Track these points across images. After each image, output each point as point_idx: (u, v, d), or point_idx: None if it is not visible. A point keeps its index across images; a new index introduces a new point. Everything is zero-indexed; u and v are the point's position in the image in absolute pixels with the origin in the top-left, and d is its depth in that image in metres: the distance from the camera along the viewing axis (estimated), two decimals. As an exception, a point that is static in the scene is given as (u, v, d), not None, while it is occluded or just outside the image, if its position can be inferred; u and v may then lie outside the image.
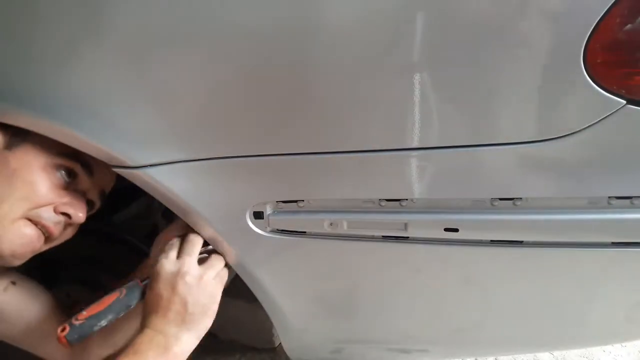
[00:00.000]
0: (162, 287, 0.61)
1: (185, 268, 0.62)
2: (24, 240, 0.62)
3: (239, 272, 0.73)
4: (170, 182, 0.63)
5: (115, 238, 1.00)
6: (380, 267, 0.68)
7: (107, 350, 0.79)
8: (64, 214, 0.64)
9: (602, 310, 0.66)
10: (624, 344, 1.37)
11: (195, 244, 0.67)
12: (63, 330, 0.59)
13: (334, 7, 0.51)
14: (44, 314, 0.74)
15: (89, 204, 0.71)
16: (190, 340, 0.61)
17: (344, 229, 0.64)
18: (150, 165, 0.62)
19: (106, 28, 0.57)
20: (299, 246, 0.67)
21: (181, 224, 0.70)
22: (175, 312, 0.60)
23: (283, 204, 0.65)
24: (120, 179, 0.65)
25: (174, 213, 0.68)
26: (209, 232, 0.68)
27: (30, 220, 0.62)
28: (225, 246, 0.69)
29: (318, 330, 0.82)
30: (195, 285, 0.62)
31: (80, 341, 0.60)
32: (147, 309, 0.62)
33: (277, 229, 0.67)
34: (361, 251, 0.66)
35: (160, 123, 0.60)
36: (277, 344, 1.34)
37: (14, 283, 0.73)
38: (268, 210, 0.65)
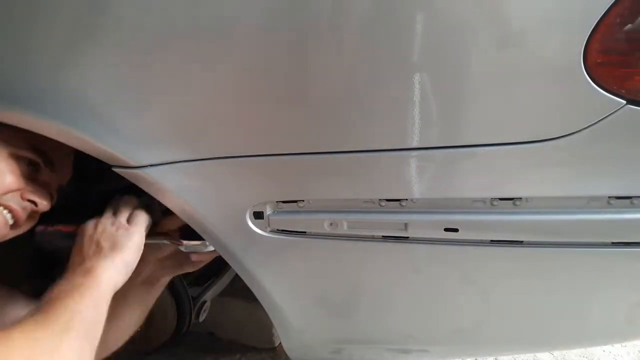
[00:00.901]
0: (81, 237, 0.67)
1: (101, 219, 0.69)
2: None
3: (238, 272, 0.73)
4: (171, 182, 0.63)
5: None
6: (380, 267, 0.68)
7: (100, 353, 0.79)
8: (30, 201, 0.66)
9: (602, 310, 0.66)
10: (623, 344, 1.37)
11: (127, 203, 0.72)
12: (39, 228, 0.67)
13: (334, 6, 0.51)
14: (6, 303, 0.75)
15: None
16: (109, 268, 0.62)
17: (344, 229, 0.64)
18: (151, 165, 0.62)
19: (106, 27, 0.57)
20: (299, 246, 0.67)
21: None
22: (92, 250, 0.64)
23: (283, 204, 0.65)
24: (120, 178, 0.65)
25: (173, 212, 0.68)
26: (209, 231, 0.68)
27: None
28: (224, 245, 0.69)
29: (318, 330, 0.82)
30: (108, 228, 0.67)
31: (45, 240, 0.70)
32: (71, 259, 0.66)
33: (277, 229, 0.67)
34: (361, 251, 0.66)
35: (160, 123, 0.61)
36: (277, 343, 1.34)
37: None
38: (268, 210, 0.65)
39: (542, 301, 0.67)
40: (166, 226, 0.78)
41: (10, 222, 0.65)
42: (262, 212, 0.65)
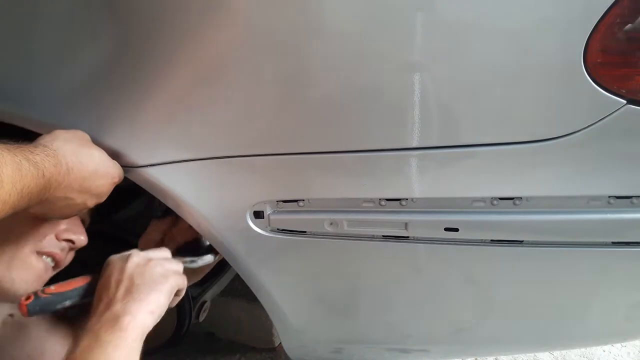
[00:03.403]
0: (110, 271, 0.60)
1: (134, 252, 0.61)
2: (37, 274, 0.62)
3: (239, 272, 0.73)
4: (171, 182, 0.63)
5: (114, 238, 1.00)
6: (380, 267, 0.68)
7: None
8: (66, 240, 0.65)
9: (602, 310, 0.66)
10: (623, 344, 1.37)
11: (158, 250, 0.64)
12: (27, 298, 0.57)
13: (334, 6, 0.51)
14: (46, 340, 0.72)
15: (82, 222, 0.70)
16: (140, 312, 0.55)
17: (344, 228, 0.63)
18: (152, 165, 0.62)
19: (105, 27, 0.57)
20: (299, 246, 0.67)
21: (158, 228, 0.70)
22: (123, 289, 0.57)
23: (283, 204, 0.65)
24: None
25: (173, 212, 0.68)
26: (209, 231, 0.68)
27: (38, 253, 0.62)
28: (224, 245, 0.69)
29: (318, 330, 0.82)
30: (142, 264, 0.60)
31: (40, 314, 0.59)
32: (97, 296, 0.59)
33: (278, 229, 0.67)
34: (361, 251, 0.66)
35: (161, 123, 0.61)
36: (277, 343, 1.34)
37: (11, 315, 0.70)
38: (268, 210, 0.65)
39: (542, 301, 0.67)
40: (177, 238, 0.77)
41: (52, 264, 0.64)
42: (263, 211, 0.65)
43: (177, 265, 0.64)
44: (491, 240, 0.60)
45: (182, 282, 0.62)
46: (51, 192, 0.51)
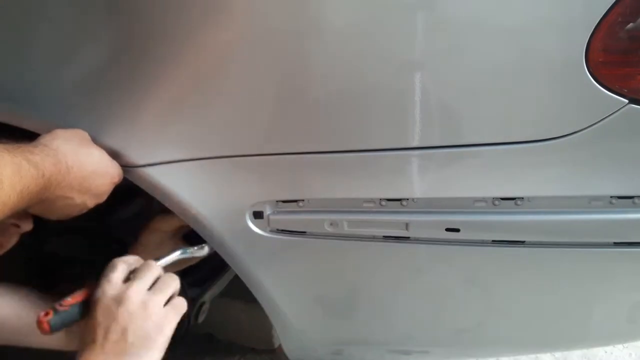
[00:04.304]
0: (100, 315, 0.52)
1: (129, 292, 0.53)
2: None
3: (238, 273, 0.73)
4: (170, 182, 0.63)
5: (112, 238, 1.00)
6: (380, 268, 0.68)
7: None
8: (13, 224, 0.63)
9: (604, 311, 0.66)
10: (625, 345, 1.36)
11: (151, 270, 0.57)
12: (46, 314, 0.54)
13: (334, 6, 0.50)
14: (25, 310, 0.69)
15: None
16: None
17: (345, 229, 0.63)
18: (150, 165, 0.62)
19: (105, 27, 0.57)
20: (299, 246, 0.67)
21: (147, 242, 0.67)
22: (113, 343, 0.51)
23: (283, 204, 0.65)
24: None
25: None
26: (208, 231, 0.68)
27: None
28: (224, 246, 0.69)
29: (318, 331, 0.82)
30: (138, 313, 0.52)
31: (62, 328, 0.55)
32: (83, 339, 0.53)
33: (277, 229, 0.66)
34: (362, 251, 0.66)
35: (161, 123, 0.60)
36: (276, 345, 1.33)
37: None
38: (268, 210, 0.65)
39: (544, 302, 0.66)
40: (161, 227, 0.76)
41: None
42: (262, 211, 0.65)
43: (172, 288, 0.58)
44: (492, 240, 0.60)
45: (182, 309, 0.58)
46: (51, 191, 0.50)
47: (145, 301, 0.54)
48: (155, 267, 0.59)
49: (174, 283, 0.58)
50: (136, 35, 0.57)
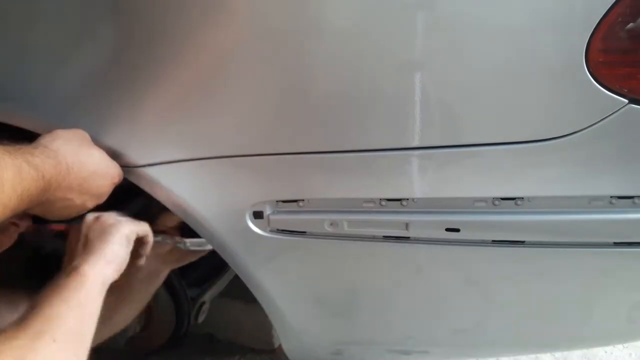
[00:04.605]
0: (72, 236, 0.64)
1: (87, 215, 0.63)
2: None
3: (238, 273, 0.73)
4: (170, 182, 0.63)
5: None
6: (380, 268, 0.68)
7: (107, 331, 0.78)
8: (12, 223, 0.64)
9: (604, 311, 0.66)
10: (625, 345, 1.36)
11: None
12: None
13: (334, 6, 0.50)
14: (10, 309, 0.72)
15: None
16: (97, 262, 0.57)
17: (345, 229, 0.63)
18: (150, 165, 0.62)
19: (105, 27, 0.57)
20: (299, 246, 0.67)
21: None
22: (81, 246, 0.60)
23: (283, 204, 0.65)
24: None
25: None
26: (208, 231, 0.68)
27: None
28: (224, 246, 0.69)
29: (318, 331, 0.82)
30: (93, 221, 0.62)
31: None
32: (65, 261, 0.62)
33: (277, 229, 0.66)
34: (362, 251, 0.66)
35: (161, 123, 0.60)
36: (276, 345, 1.33)
37: None
38: (268, 210, 0.65)
39: (544, 302, 0.66)
40: (164, 223, 0.77)
41: None
42: (262, 211, 0.65)
43: (128, 219, 0.64)
44: (492, 240, 0.60)
45: (138, 228, 0.64)
46: (51, 192, 0.51)
47: (102, 215, 0.62)
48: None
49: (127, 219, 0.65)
50: (136, 35, 0.57)
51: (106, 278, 0.57)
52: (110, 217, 0.62)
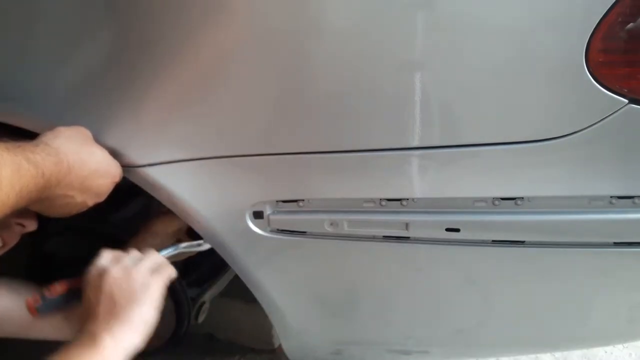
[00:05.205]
0: (90, 294, 0.55)
1: (110, 266, 0.56)
2: None
3: (238, 272, 0.73)
4: (170, 182, 0.63)
5: (112, 238, 1.00)
6: (380, 268, 0.68)
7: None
8: (17, 223, 0.63)
9: (604, 311, 0.66)
10: (625, 345, 1.36)
11: (134, 252, 0.60)
12: (35, 301, 0.57)
13: (334, 6, 0.50)
14: (17, 303, 0.70)
15: None
16: (125, 334, 0.52)
17: (345, 229, 0.63)
18: (150, 165, 0.62)
19: (105, 27, 0.57)
20: (299, 246, 0.67)
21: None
22: (104, 311, 0.53)
23: (283, 204, 0.65)
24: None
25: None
26: (208, 231, 0.68)
27: None
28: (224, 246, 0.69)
29: (318, 331, 0.82)
30: (122, 277, 0.55)
31: (48, 313, 0.58)
32: (82, 322, 0.55)
33: (277, 229, 0.66)
34: (362, 251, 0.66)
35: (161, 123, 0.60)
36: (276, 345, 1.33)
37: None
38: (268, 210, 0.65)
39: (544, 302, 0.66)
40: (164, 230, 0.76)
41: (0, 244, 0.63)
42: (262, 211, 0.65)
43: (156, 260, 0.60)
44: (492, 240, 0.60)
45: (169, 273, 0.60)
46: (51, 190, 0.50)
47: (127, 267, 0.56)
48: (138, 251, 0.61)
49: (155, 255, 0.61)
50: (136, 35, 0.57)
51: (129, 347, 0.52)
52: (137, 271, 0.56)
